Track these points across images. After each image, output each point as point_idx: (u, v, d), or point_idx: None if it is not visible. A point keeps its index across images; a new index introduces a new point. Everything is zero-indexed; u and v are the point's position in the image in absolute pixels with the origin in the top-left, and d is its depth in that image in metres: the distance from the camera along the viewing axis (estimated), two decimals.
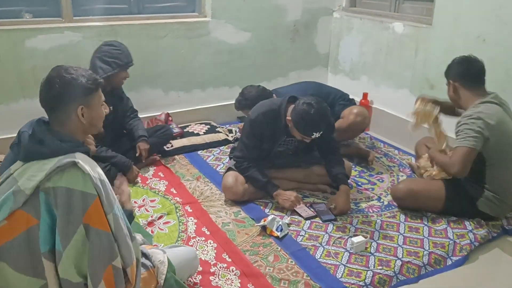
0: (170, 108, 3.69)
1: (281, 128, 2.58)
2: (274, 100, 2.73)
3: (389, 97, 3.77)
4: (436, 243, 2.32)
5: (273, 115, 2.59)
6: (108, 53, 2.75)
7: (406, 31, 3.52)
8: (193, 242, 2.30)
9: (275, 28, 4.00)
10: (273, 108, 2.61)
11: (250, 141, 2.64)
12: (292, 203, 2.54)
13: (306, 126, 2.41)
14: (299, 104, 2.43)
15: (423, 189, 2.57)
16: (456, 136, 2.41)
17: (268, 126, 2.59)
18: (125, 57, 2.81)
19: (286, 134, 2.61)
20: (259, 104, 2.76)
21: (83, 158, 1.47)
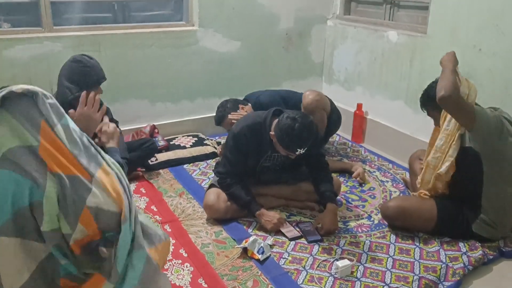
0: (157, 119, 3.58)
1: (266, 143, 2.45)
2: (259, 113, 2.60)
3: (384, 108, 3.64)
4: (427, 267, 2.18)
5: (257, 128, 2.46)
6: (76, 71, 2.53)
7: (401, 40, 3.39)
8: (168, 265, 2.17)
9: (267, 36, 3.88)
10: (258, 121, 2.48)
11: (233, 156, 2.52)
12: (275, 226, 2.41)
13: (290, 142, 2.28)
14: (282, 119, 2.30)
15: (414, 207, 2.42)
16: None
17: (253, 140, 2.47)
18: (95, 74, 2.58)
19: (271, 149, 2.48)
20: (243, 118, 2.65)
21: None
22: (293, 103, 3.10)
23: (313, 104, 3.02)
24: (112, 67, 3.25)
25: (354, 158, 3.45)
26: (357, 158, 3.47)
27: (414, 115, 3.36)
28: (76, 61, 2.55)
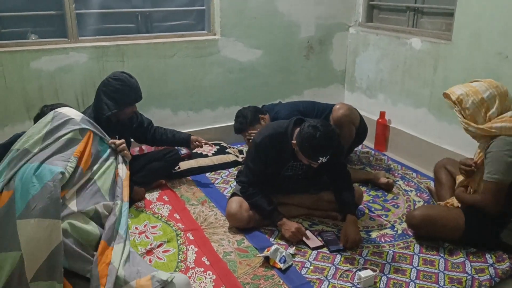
0: (179, 128, 3.58)
1: (287, 152, 2.45)
2: (280, 122, 2.60)
3: (407, 116, 3.60)
4: (452, 279, 2.13)
5: (279, 138, 2.45)
6: (115, 89, 2.61)
7: (424, 47, 3.35)
8: (191, 273, 2.18)
9: (288, 45, 3.89)
10: (279, 131, 2.47)
11: (255, 165, 2.52)
12: (293, 234, 2.39)
13: (312, 151, 2.27)
14: (304, 127, 2.29)
15: (440, 216, 2.37)
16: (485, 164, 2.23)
17: (274, 149, 2.46)
18: (134, 93, 2.68)
19: (293, 158, 2.47)
20: (264, 127, 2.65)
21: None
22: (312, 116, 3.08)
23: (343, 119, 3.02)
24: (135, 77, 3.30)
25: (377, 167, 3.41)
26: (380, 166, 3.43)
27: (438, 123, 3.31)
28: (116, 79, 2.63)
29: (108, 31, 3.31)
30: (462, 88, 2.29)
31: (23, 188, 1.67)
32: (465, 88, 2.28)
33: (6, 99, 2.99)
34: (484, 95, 2.22)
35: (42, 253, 1.58)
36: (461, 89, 2.28)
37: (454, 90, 2.30)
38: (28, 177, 1.70)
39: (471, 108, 2.23)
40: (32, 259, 1.57)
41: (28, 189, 1.67)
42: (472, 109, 2.23)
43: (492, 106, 2.22)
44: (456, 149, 3.11)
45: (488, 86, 2.24)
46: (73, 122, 2.07)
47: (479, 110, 2.23)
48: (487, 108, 2.23)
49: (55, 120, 2.03)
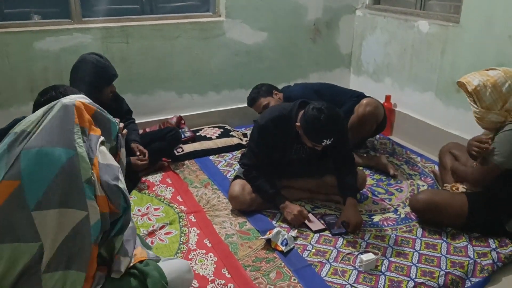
0: (183, 111, 3.60)
1: (291, 135, 2.43)
2: (284, 105, 2.58)
3: (413, 101, 3.56)
4: (454, 262, 2.13)
5: (283, 121, 2.43)
6: (88, 72, 2.56)
7: (432, 30, 3.30)
8: (193, 255, 2.19)
9: (294, 27, 3.84)
10: (283, 113, 2.45)
11: (259, 148, 2.51)
12: (295, 217, 2.39)
13: (316, 133, 2.26)
14: (308, 110, 2.27)
15: (444, 201, 2.35)
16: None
17: (278, 133, 2.44)
18: (107, 72, 2.61)
19: (297, 141, 2.45)
20: (268, 110, 2.63)
21: None
22: (327, 98, 3.00)
23: (369, 116, 2.99)
24: (139, 59, 3.30)
25: (381, 151, 3.39)
26: (384, 150, 3.40)
27: (445, 108, 3.27)
28: (87, 62, 2.58)
29: (112, 12, 3.28)
30: (478, 77, 2.17)
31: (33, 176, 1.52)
32: (481, 77, 2.16)
33: (11, 80, 2.99)
34: (503, 88, 2.12)
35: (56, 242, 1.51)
36: (478, 78, 2.16)
37: (471, 80, 2.18)
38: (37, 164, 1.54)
39: (488, 100, 2.14)
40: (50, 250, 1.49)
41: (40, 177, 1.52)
42: (489, 102, 2.14)
43: (509, 99, 2.13)
44: (462, 134, 3.07)
45: (507, 76, 2.13)
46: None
47: (496, 103, 2.14)
48: (504, 101, 2.14)
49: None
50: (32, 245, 1.49)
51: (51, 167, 1.52)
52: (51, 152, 1.54)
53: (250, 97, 3.27)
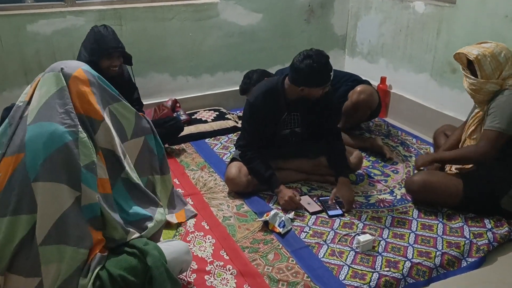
0: (178, 93, 3.58)
1: (281, 105, 2.48)
2: (270, 79, 2.63)
3: (408, 82, 3.55)
4: (450, 243, 2.15)
5: (271, 93, 2.48)
6: (91, 39, 2.60)
7: (428, 11, 3.28)
8: (191, 237, 2.21)
9: (289, 8, 3.80)
10: (271, 86, 2.50)
11: (251, 125, 2.52)
12: (286, 203, 2.40)
13: (320, 75, 2.31)
14: (297, 64, 2.31)
15: (439, 182, 2.37)
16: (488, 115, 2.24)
17: (269, 105, 2.47)
18: (108, 41, 2.59)
19: (288, 109, 2.50)
20: (256, 87, 2.65)
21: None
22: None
23: (362, 104, 3.01)
24: (133, 41, 3.26)
25: (376, 132, 3.40)
26: (379, 132, 3.41)
27: (440, 89, 3.27)
28: (91, 31, 2.63)
29: None
30: (476, 48, 2.24)
31: (34, 147, 1.57)
32: (479, 48, 2.24)
33: (4, 63, 2.95)
34: (499, 57, 2.21)
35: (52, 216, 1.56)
36: (476, 49, 2.23)
37: (470, 50, 2.24)
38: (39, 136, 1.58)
39: (488, 69, 2.21)
40: (43, 223, 1.55)
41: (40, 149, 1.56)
42: (489, 71, 2.22)
43: (504, 68, 2.22)
44: (457, 115, 3.08)
45: (501, 48, 2.23)
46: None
47: (495, 72, 2.22)
48: (501, 70, 2.22)
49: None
50: (31, 217, 1.56)
51: (53, 142, 1.58)
52: (55, 128, 1.60)
53: (242, 87, 3.25)
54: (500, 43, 2.27)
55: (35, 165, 1.56)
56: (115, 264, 1.64)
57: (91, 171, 1.63)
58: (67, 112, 1.63)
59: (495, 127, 2.18)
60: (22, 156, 1.58)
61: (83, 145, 1.63)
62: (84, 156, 1.62)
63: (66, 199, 1.57)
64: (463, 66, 2.32)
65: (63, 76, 1.68)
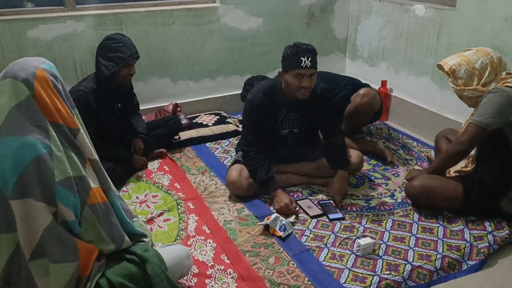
0: (179, 98, 3.59)
1: (280, 103, 2.52)
2: (269, 79, 2.72)
3: (409, 85, 3.56)
4: (451, 246, 2.15)
5: (270, 90, 2.54)
6: (109, 48, 2.56)
7: (428, 14, 3.28)
8: (192, 242, 2.21)
9: (289, 12, 3.82)
10: (270, 84, 2.58)
11: (251, 124, 2.55)
12: (281, 209, 2.39)
13: (292, 55, 2.37)
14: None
15: (439, 187, 2.36)
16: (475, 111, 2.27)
17: (268, 103, 2.51)
18: (128, 49, 2.59)
19: (287, 108, 2.53)
20: (256, 86, 2.69)
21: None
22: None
23: (366, 107, 3.01)
24: None
25: (377, 136, 3.40)
26: (380, 135, 3.41)
27: (440, 92, 3.28)
28: (109, 38, 2.60)
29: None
30: (454, 58, 2.33)
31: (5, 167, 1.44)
32: (457, 58, 2.32)
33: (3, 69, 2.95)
34: (475, 65, 2.26)
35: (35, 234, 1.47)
36: (454, 59, 2.32)
37: (447, 61, 2.35)
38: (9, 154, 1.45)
39: (463, 77, 2.28)
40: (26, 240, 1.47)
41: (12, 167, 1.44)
42: (465, 78, 2.28)
43: (484, 74, 2.25)
44: (458, 118, 3.08)
45: (480, 54, 2.27)
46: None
47: (472, 79, 2.27)
48: (479, 76, 2.26)
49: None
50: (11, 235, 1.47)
51: (23, 157, 1.45)
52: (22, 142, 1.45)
53: (244, 94, 3.27)
54: (482, 49, 2.30)
55: (7, 183, 1.44)
56: (115, 271, 1.62)
57: (67, 188, 1.49)
58: (36, 125, 1.48)
59: (475, 121, 2.21)
60: None
61: (57, 159, 1.48)
62: (59, 171, 1.48)
63: (44, 216, 1.46)
64: (446, 75, 2.38)
65: (24, 83, 1.48)
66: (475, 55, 2.27)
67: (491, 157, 2.30)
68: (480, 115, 2.20)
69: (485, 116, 2.18)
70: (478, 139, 2.23)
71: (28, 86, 1.49)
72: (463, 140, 2.25)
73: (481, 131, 2.20)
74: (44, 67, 1.56)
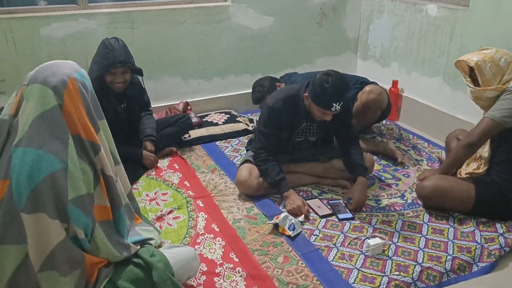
0: (189, 96, 3.60)
1: (300, 114, 2.46)
2: (292, 86, 2.61)
3: (420, 85, 3.53)
4: (461, 247, 2.13)
5: (292, 100, 2.47)
6: (98, 52, 2.62)
7: (441, 14, 3.25)
8: (201, 239, 2.21)
9: (300, 12, 3.80)
10: (292, 93, 2.49)
11: (268, 129, 2.51)
12: (293, 210, 2.37)
13: (325, 96, 2.26)
14: (316, 77, 2.31)
15: (451, 188, 2.34)
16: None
17: (287, 112, 2.47)
18: (112, 57, 2.55)
19: (306, 119, 2.48)
20: (276, 92, 2.65)
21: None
22: None
23: (372, 103, 3.00)
24: (145, 44, 3.29)
25: (388, 136, 3.38)
26: (391, 136, 3.39)
27: (453, 92, 3.25)
28: (102, 43, 2.62)
29: None
30: (476, 55, 2.28)
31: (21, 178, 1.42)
32: (479, 55, 2.27)
33: (18, 66, 2.99)
34: (500, 62, 2.23)
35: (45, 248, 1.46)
36: (476, 56, 2.27)
37: (470, 57, 2.28)
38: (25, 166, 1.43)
39: (488, 74, 2.24)
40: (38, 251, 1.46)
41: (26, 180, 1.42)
42: (489, 76, 2.24)
43: (505, 72, 2.23)
44: (470, 119, 3.05)
45: (501, 53, 2.25)
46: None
47: (495, 77, 2.24)
48: (502, 74, 2.23)
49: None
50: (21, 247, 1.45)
51: (39, 172, 1.43)
52: (41, 157, 1.44)
53: (257, 95, 3.26)
54: (501, 49, 2.29)
55: (20, 195, 1.42)
56: (122, 276, 1.63)
57: (78, 207, 1.48)
58: (57, 137, 1.46)
59: (489, 115, 2.20)
60: (8, 183, 1.44)
61: (72, 177, 1.47)
62: (72, 189, 1.47)
63: (57, 232, 1.45)
64: (464, 74, 2.35)
65: (54, 91, 1.46)
66: (497, 54, 2.24)
67: (504, 159, 2.27)
68: (496, 110, 2.18)
69: (501, 112, 2.16)
70: (490, 133, 2.21)
71: (57, 95, 1.47)
72: (474, 133, 2.24)
73: (494, 126, 2.18)
74: (77, 76, 1.53)
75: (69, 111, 1.49)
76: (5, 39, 2.91)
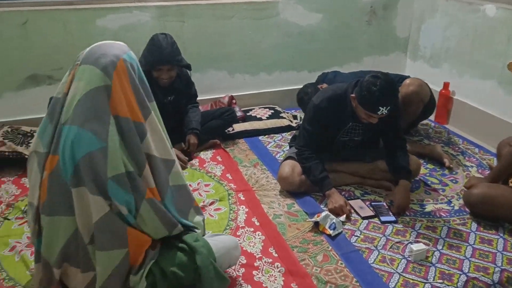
0: (234, 90, 3.62)
1: (346, 114, 2.42)
2: (339, 84, 2.56)
3: (473, 89, 3.40)
4: (511, 260, 2.04)
5: (338, 99, 2.43)
6: (146, 48, 2.72)
7: (500, 14, 3.12)
8: (241, 232, 2.23)
9: (350, 9, 3.74)
10: (339, 93, 2.45)
11: (312, 127, 2.49)
12: (335, 209, 2.34)
13: (372, 100, 2.20)
14: (364, 79, 2.25)
15: (501, 196, 2.25)
16: None
17: (333, 111, 2.43)
18: (157, 55, 2.64)
19: (352, 119, 2.43)
20: (323, 90, 2.62)
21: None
22: None
23: (413, 96, 2.92)
24: (193, 38, 3.34)
25: (436, 139, 3.28)
26: (439, 139, 3.29)
27: (508, 97, 3.11)
28: (152, 38, 2.70)
29: None
30: None
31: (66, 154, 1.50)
32: None
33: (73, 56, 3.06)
34: None
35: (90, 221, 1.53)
36: None
37: None
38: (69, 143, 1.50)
39: None
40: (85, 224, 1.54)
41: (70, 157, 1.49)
42: None
43: None
44: None
45: None
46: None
47: None
48: None
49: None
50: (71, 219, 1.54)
51: (79, 149, 1.49)
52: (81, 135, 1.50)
53: (301, 97, 3.28)
54: None
55: (66, 170, 1.51)
56: (167, 260, 1.67)
57: (118, 184, 1.52)
58: (99, 116, 1.51)
59: None
60: (57, 158, 1.52)
61: (112, 155, 1.50)
62: (112, 167, 1.51)
63: (98, 208, 1.51)
64: None
65: (103, 72, 1.51)
66: None
67: None
68: None
69: None
70: None
71: (107, 75, 1.52)
72: None
73: None
74: (126, 58, 1.58)
75: (116, 92, 1.53)
76: (63, 29, 3.02)
